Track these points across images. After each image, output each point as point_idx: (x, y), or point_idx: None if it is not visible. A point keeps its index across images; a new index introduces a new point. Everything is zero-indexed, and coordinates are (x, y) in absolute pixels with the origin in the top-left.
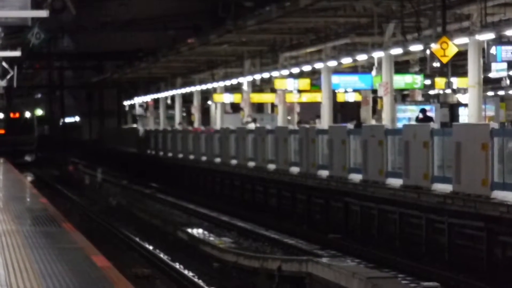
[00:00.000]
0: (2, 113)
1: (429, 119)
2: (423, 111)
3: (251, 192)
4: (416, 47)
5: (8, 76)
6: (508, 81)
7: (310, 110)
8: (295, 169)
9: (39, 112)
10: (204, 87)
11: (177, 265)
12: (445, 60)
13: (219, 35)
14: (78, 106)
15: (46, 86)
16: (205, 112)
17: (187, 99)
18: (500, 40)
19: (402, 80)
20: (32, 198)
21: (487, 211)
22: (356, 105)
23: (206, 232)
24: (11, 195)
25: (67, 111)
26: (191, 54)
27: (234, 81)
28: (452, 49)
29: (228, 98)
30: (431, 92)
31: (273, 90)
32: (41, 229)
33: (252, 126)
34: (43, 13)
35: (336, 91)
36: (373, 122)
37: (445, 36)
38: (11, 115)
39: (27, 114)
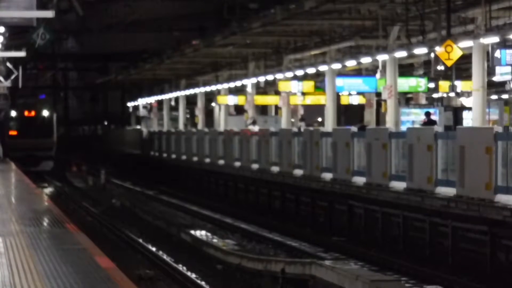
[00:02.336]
0: (15, 111)
1: (433, 122)
2: (427, 114)
3: (255, 194)
4: (420, 50)
5: (13, 77)
6: None
7: (314, 112)
8: (299, 172)
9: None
10: (208, 89)
11: (180, 267)
12: (449, 63)
13: (224, 37)
14: (82, 107)
15: (51, 87)
16: (209, 114)
17: (191, 101)
18: (505, 44)
19: (406, 83)
20: (36, 199)
21: (490, 215)
22: (360, 107)
23: (209, 234)
24: (15, 195)
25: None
26: (196, 55)
27: (238, 83)
28: (456, 53)
29: (232, 100)
30: (435, 95)
31: (277, 92)
32: (45, 230)
33: (252, 128)
34: (49, 14)
35: (340, 93)
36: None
37: (449, 39)
38: (26, 113)
39: (45, 113)
